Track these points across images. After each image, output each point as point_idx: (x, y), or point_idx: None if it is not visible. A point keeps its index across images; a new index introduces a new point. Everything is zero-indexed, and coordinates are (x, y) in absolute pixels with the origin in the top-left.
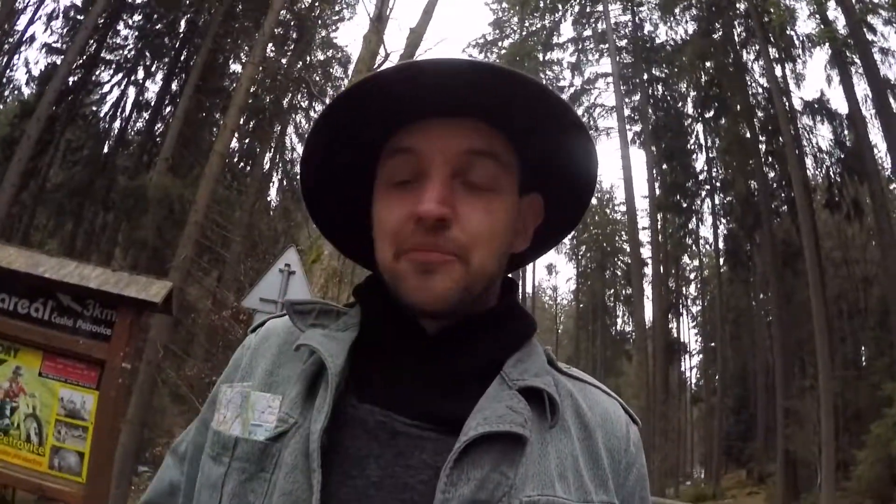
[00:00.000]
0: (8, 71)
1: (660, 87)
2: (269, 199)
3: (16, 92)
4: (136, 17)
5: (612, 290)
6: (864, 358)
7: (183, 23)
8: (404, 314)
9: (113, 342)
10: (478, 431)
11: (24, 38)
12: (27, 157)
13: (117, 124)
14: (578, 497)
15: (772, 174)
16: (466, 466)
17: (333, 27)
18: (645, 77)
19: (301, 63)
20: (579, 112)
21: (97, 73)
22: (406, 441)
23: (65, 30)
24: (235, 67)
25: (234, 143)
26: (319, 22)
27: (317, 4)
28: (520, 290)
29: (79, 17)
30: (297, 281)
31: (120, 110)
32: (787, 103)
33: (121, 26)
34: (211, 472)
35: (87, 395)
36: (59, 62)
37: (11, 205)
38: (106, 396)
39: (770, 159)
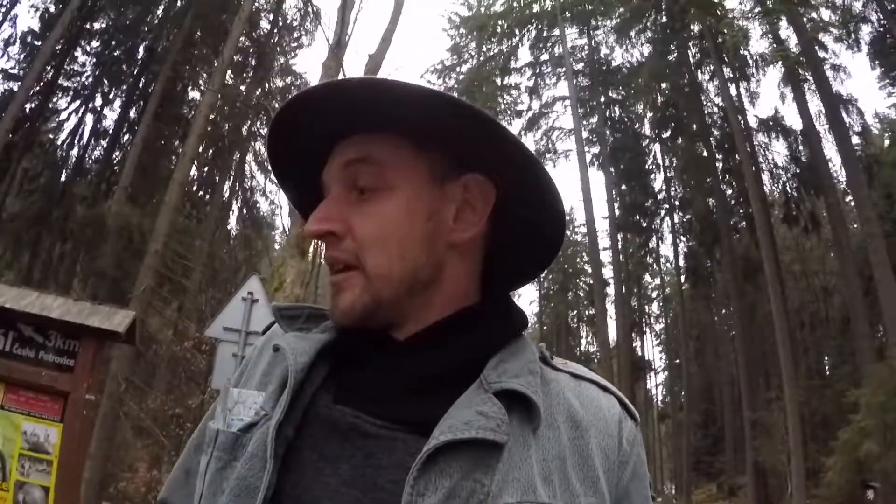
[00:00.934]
0: None
1: (617, 109)
2: (229, 227)
3: None
4: (95, 44)
5: (576, 311)
6: (827, 366)
7: (141, 50)
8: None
9: (76, 373)
10: (440, 440)
11: None
12: None
13: (75, 152)
14: (565, 500)
15: (729, 191)
16: (434, 475)
17: (292, 54)
18: (602, 99)
19: (260, 90)
20: (538, 135)
21: (55, 100)
22: (376, 442)
23: (22, 56)
24: (194, 95)
25: (194, 172)
26: (278, 49)
27: (276, 31)
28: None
29: (36, 42)
30: (260, 309)
31: (78, 138)
32: (742, 121)
33: (79, 53)
34: (201, 463)
35: (51, 428)
36: (15, 88)
37: None
38: (70, 429)
39: (727, 177)
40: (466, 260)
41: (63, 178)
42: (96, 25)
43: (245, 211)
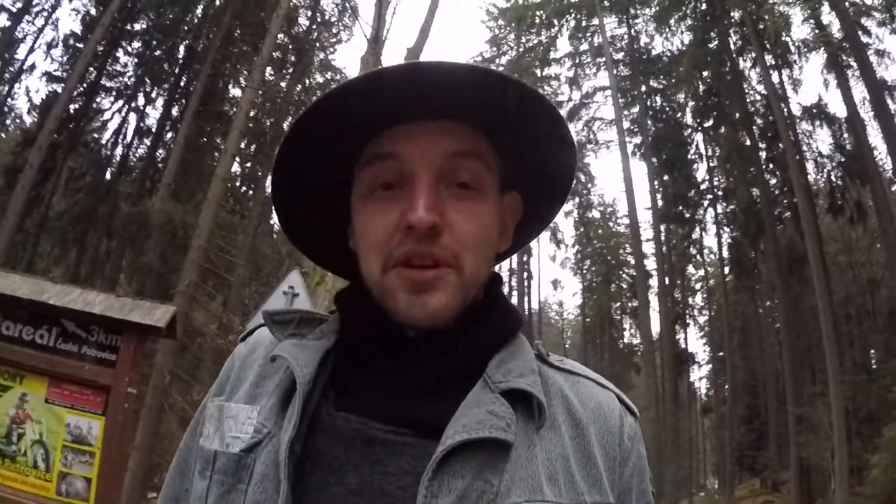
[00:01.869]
0: (9, 100)
1: (658, 99)
2: (271, 222)
3: (17, 120)
4: (136, 44)
5: (619, 304)
6: (873, 361)
7: (182, 49)
8: (384, 319)
9: (118, 367)
10: (455, 440)
11: (24, 67)
12: (30, 186)
13: (119, 151)
14: (570, 499)
15: (773, 181)
16: (447, 476)
17: (331, 49)
18: (643, 89)
19: (300, 86)
20: (579, 126)
21: (98, 100)
22: (383, 448)
23: (64, 58)
24: (235, 92)
25: (236, 168)
26: (317, 45)
27: (314, 28)
28: (504, 285)
29: (78, 45)
30: (300, 303)
31: (121, 137)
32: (785, 109)
33: (120, 53)
34: (198, 487)
35: (94, 421)
36: (59, 90)
37: (15, 233)
38: (112, 422)
39: (771, 166)
40: (491, 267)
41: (108, 176)
42: (137, 26)
43: None
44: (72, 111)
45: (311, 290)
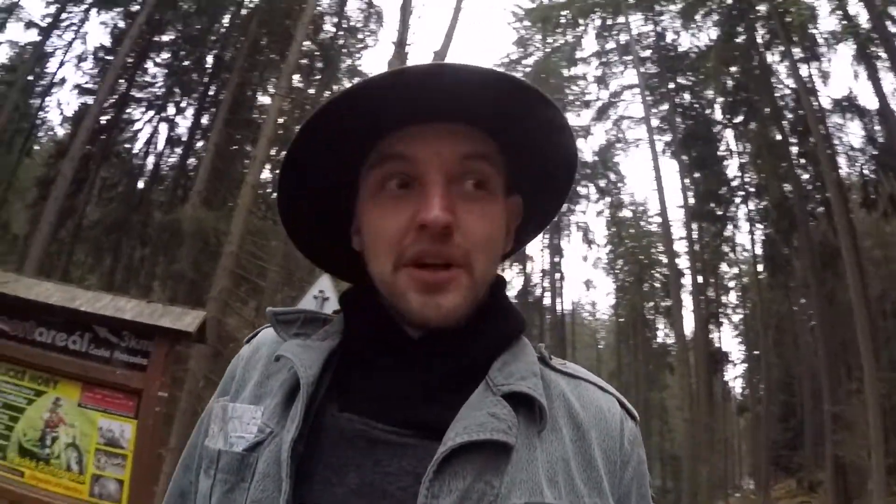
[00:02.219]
0: (41, 112)
1: (686, 96)
2: None
3: (50, 132)
4: (164, 55)
5: (652, 303)
6: None
7: (210, 58)
8: (388, 320)
9: (149, 371)
10: (457, 441)
11: (55, 81)
12: (63, 196)
13: (150, 160)
14: (570, 501)
15: (805, 176)
16: (448, 477)
17: (358, 55)
18: (671, 86)
19: (327, 92)
20: (608, 125)
21: (128, 111)
22: (385, 448)
23: (95, 70)
24: (263, 100)
25: (266, 174)
26: (344, 51)
27: (340, 34)
28: (506, 287)
29: (107, 57)
30: (331, 306)
31: (152, 146)
32: (815, 103)
33: (149, 64)
34: (203, 485)
35: (126, 424)
36: (90, 102)
37: (50, 243)
38: (144, 425)
39: (802, 161)
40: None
41: (140, 185)
42: (164, 38)
43: None
44: (103, 122)
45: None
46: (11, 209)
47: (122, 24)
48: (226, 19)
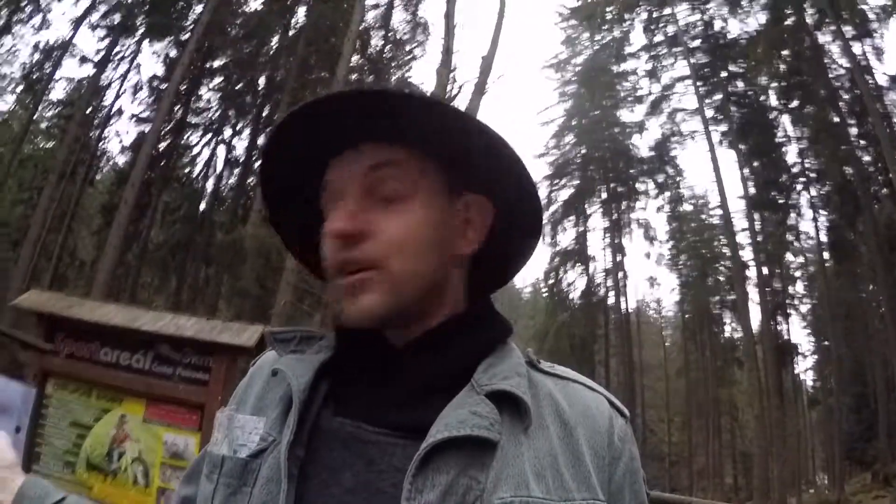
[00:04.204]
0: (101, 143)
1: (740, 83)
2: None
3: (111, 162)
4: (217, 80)
5: (717, 298)
6: None
7: (262, 80)
8: (372, 331)
9: (210, 386)
10: (437, 438)
11: (112, 112)
12: (127, 221)
13: (210, 182)
14: (559, 496)
15: (866, 157)
16: (431, 473)
17: (407, 67)
18: (723, 75)
19: None
20: (662, 119)
21: (186, 136)
22: (375, 449)
23: (150, 99)
24: None
25: None
26: (392, 63)
27: (387, 47)
28: (488, 292)
29: (161, 85)
30: None
31: (211, 169)
32: (870, 81)
33: (203, 90)
34: (205, 489)
35: (190, 438)
36: (147, 130)
37: (117, 266)
38: (207, 438)
39: (862, 142)
40: (462, 270)
41: (202, 206)
42: (216, 63)
43: None
44: (161, 149)
45: None
46: (78, 236)
47: (173, 53)
48: (275, 41)
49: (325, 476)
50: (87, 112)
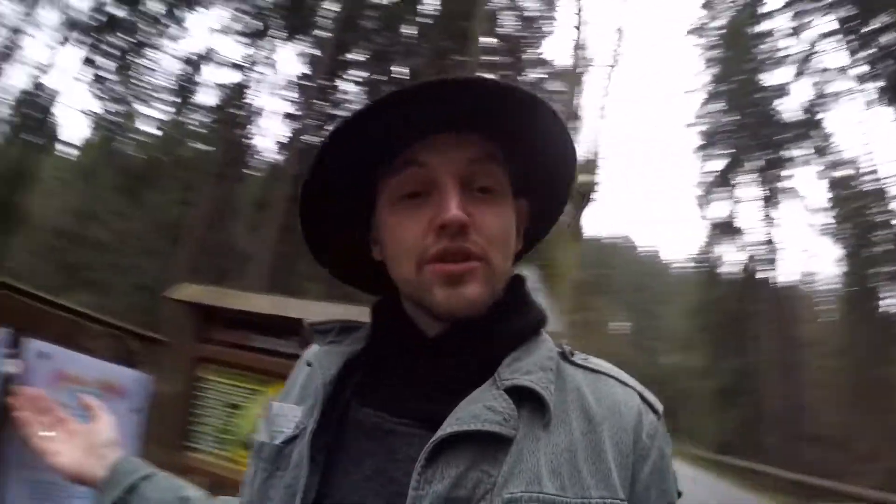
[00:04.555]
0: (251, 141)
1: (893, 34)
2: None
3: (262, 159)
4: (356, 72)
5: (881, 269)
6: None
7: (397, 69)
8: (407, 321)
9: None
10: (447, 431)
11: (259, 111)
12: (282, 214)
13: None
14: (575, 493)
15: None
16: (441, 465)
17: (539, 44)
18: (873, 27)
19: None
20: (807, 80)
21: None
22: (395, 438)
23: (294, 96)
24: None
25: None
26: (525, 41)
27: (519, 26)
28: (525, 284)
29: (305, 83)
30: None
31: None
32: None
33: (343, 83)
34: (249, 472)
35: None
36: (294, 126)
37: (274, 258)
38: None
39: None
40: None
41: None
42: (353, 56)
43: None
44: (309, 143)
45: (549, 282)
46: (235, 231)
47: (313, 51)
48: (407, 29)
49: (349, 463)
50: (236, 113)
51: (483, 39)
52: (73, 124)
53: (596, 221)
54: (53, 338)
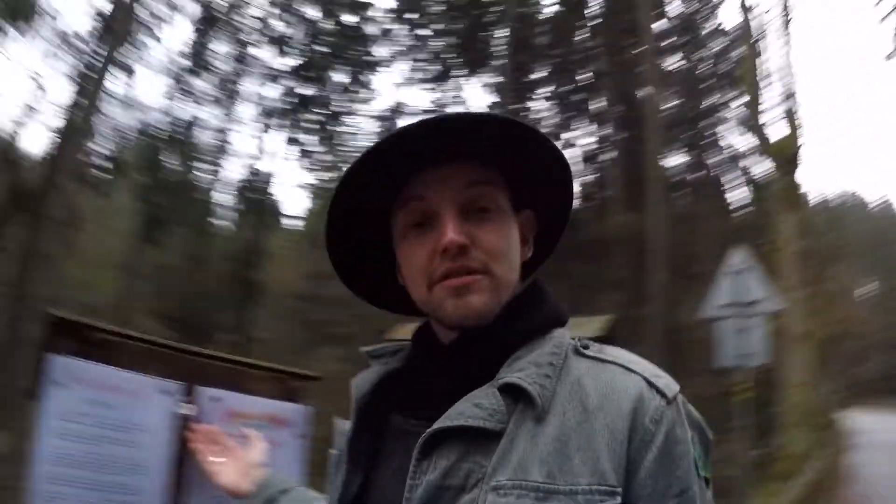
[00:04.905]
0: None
1: None
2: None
3: None
4: (545, 89)
5: None
6: None
7: (580, 76)
8: (432, 335)
9: None
10: (434, 428)
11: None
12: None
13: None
14: (566, 481)
15: None
16: (434, 457)
17: (714, 15)
18: None
19: (698, 58)
20: None
21: None
22: (411, 438)
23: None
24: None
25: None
26: (699, 18)
27: (689, 3)
28: (539, 291)
29: (497, 110)
30: (747, 278)
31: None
32: None
33: (536, 104)
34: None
35: None
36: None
37: None
38: None
39: None
40: (519, 274)
41: None
42: (538, 76)
43: None
44: None
45: (767, 258)
46: None
47: (496, 80)
48: (578, 36)
49: (381, 462)
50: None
51: (655, 25)
52: (294, 197)
53: (817, 185)
54: (222, 384)
